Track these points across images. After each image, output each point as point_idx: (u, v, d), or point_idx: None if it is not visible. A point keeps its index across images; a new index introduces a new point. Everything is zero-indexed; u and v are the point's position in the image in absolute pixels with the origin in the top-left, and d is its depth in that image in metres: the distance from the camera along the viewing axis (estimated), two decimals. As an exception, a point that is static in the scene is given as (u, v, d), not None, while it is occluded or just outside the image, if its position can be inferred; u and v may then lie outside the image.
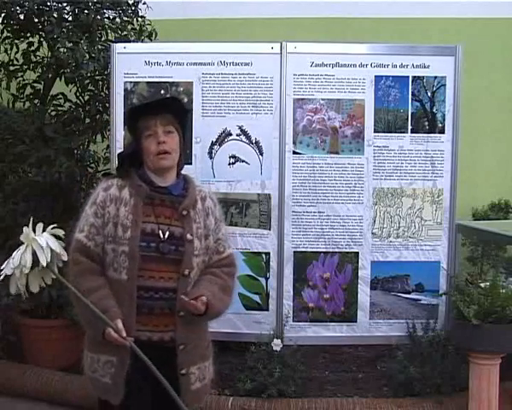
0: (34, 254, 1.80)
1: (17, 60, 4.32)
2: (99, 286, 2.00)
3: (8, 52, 4.29)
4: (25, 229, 1.83)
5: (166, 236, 2.03)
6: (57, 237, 1.89)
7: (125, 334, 1.91)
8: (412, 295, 3.56)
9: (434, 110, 3.55)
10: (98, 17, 4.13)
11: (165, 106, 2.11)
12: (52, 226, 1.88)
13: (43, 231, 1.86)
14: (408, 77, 3.53)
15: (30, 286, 1.86)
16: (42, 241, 1.80)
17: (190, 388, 2.07)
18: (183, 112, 2.18)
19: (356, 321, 3.55)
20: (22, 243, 1.84)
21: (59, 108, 4.37)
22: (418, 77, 3.53)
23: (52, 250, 1.83)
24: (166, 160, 2.07)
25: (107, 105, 4.02)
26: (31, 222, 1.84)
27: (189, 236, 2.05)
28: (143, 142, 2.08)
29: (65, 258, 1.90)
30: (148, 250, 2.01)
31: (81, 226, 2.07)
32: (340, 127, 3.52)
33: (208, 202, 2.18)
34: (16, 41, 4.26)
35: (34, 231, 1.84)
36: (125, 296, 1.99)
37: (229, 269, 2.17)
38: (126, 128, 2.15)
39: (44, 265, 1.80)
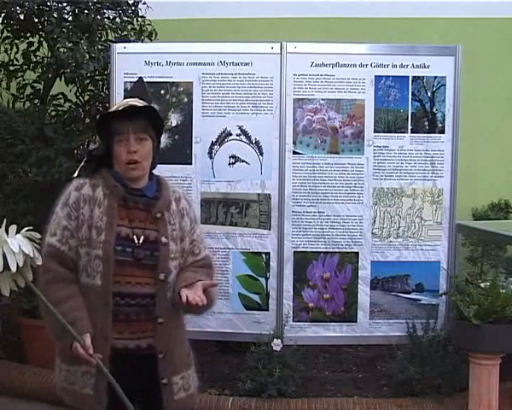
0: (5, 256, 1.65)
1: (17, 60, 4.32)
2: (69, 296, 1.89)
3: (8, 52, 4.29)
4: None
5: (141, 240, 1.95)
6: (32, 239, 1.73)
7: (91, 351, 1.80)
8: (412, 295, 3.56)
9: (434, 110, 3.55)
10: (98, 17, 4.13)
11: (141, 112, 1.99)
12: (27, 229, 1.74)
13: (17, 232, 1.70)
14: (408, 77, 3.53)
15: (1, 289, 1.70)
16: (14, 245, 1.66)
17: (173, 398, 1.98)
18: (158, 121, 2.06)
19: (356, 321, 3.54)
20: None
21: (59, 108, 4.37)
22: (418, 77, 3.53)
23: (25, 255, 1.68)
24: (136, 170, 1.97)
25: (107, 105, 4.02)
26: (4, 223, 1.69)
27: (163, 239, 1.96)
28: (114, 146, 1.97)
29: (39, 262, 1.75)
30: (124, 255, 1.92)
31: (52, 230, 1.94)
32: (340, 127, 3.52)
33: (183, 202, 2.09)
34: (16, 41, 4.26)
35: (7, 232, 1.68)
36: (100, 303, 1.89)
37: (207, 271, 2.07)
38: (96, 131, 2.03)
39: (14, 270, 1.66)
